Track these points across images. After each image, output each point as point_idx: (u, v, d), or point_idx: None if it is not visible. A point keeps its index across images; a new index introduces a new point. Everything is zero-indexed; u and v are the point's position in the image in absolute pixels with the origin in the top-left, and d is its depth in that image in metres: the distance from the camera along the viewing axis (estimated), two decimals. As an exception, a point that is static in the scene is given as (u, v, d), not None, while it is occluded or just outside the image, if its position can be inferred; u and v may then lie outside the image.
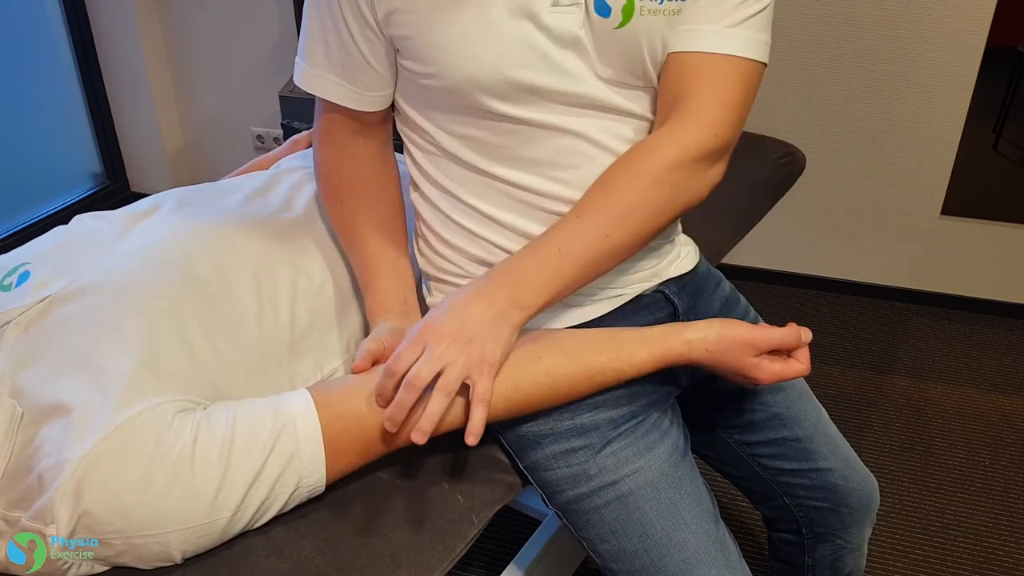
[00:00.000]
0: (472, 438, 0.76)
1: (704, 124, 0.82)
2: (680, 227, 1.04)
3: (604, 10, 0.81)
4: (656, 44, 0.83)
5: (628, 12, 0.81)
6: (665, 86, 0.85)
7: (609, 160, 0.88)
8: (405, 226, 1.00)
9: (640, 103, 0.88)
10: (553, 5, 0.81)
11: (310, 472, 0.78)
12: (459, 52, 0.82)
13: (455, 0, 0.81)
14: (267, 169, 1.20)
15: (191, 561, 0.76)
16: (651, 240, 0.86)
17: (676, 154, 0.82)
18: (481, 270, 0.94)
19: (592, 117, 0.86)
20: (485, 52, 0.81)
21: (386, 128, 0.98)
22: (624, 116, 0.88)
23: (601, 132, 0.87)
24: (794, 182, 1.58)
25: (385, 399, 0.79)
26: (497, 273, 0.84)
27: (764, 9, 0.83)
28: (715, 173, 0.86)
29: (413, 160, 0.95)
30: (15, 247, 0.94)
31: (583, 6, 0.81)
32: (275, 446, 0.76)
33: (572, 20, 0.82)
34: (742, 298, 1.09)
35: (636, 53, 0.83)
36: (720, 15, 0.81)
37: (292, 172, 1.11)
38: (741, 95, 0.83)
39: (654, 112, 0.89)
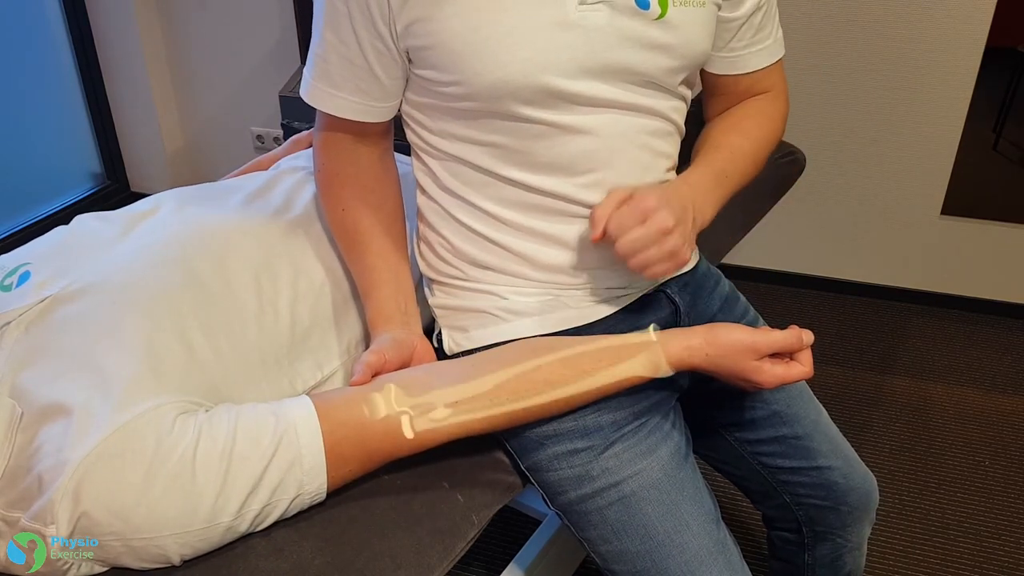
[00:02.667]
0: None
1: (784, 103, 1.06)
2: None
3: (644, 3, 0.84)
4: (693, 33, 0.88)
5: (664, 3, 0.85)
6: (739, 91, 1.03)
7: (622, 163, 0.90)
8: (406, 232, 1.00)
9: (656, 102, 0.89)
10: (580, 3, 0.81)
11: (311, 479, 0.78)
12: (485, 59, 0.82)
13: (479, 6, 0.81)
14: (267, 169, 1.20)
15: (191, 561, 0.76)
16: None
17: (782, 123, 1.05)
18: (483, 274, 0.94)
19: (610, 116, 0.87)
20: (512, 57, 0.81)
21: (388, 136, 0.98)
22: (641, 114, 0.89)
23: (619, 135, 0.88)
24: (794, 182, 1.58)
25: (595, 238, 0.85)
26: (679, 184, 0.91)
27: (775, 8, 0.99)
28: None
29: (423, 164, 0.95)
30: (15, 247, 0.94)
31: (612, 2, 0.82)
32: (276, 452, 0.76)
33: (600, 17, 0.82)
34: (741, 297, 1.09)
35: (676, 43, 0.86)
36: (771, 31, 0.99)
37: (292, 172, 1.11)
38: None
39: (669, 113, 0.92)
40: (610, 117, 0.87)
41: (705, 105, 1.07)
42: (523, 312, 0.93)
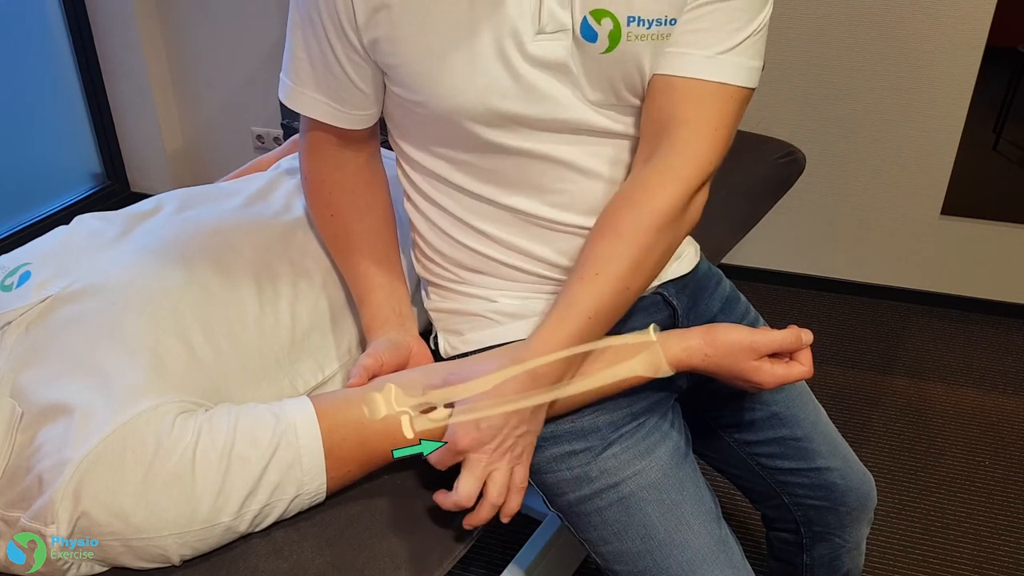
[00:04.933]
0: (507, 519, 0.83)
1: (699, 153, 0.82)
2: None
3: (591, 36, 0.80)
4: (645, 68, 0.82)
5: (615, 38, 0.80)
6: (652, 107, 0.84)
7: (593, 183, 0.88)
8: (396, 235, 1.00)
9: (626, 123, 0.87)
10: (538, 33, 0.80)
11: (310, 480, 0.78)
12: (445, 83, 0.81)
13: (440, 31, 0.80)
14: (267, 169, 1.20)
15: (190, 561, 0.76)
16: None
17: (681, 190, 0.82)
18: (476, 278, 0.94)
19: (578, 143, 0.86)
20: (471, 84, 0.81)
21: (374, 140, 0.97)
22: (610, 137, 0.87)
23: (587, 156, 0.87)
24: (794, 182, 1.58)
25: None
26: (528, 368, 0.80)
27: (756, 33, 0.82)
28: (705, 195, 0.86)
29: (405, 174, 0.95)
30: (15, 247, 0.94)
31: (570, 31, 0.81)
32: (275, 453, 0.76)
33: (559, 46, 0.81)
34: (742, 297, 1.09)
35: (624, 77, 0.83)
36: (712, 41, 0.81)
37: (292, 174, 1.11)
38: (731, 121, 0.83)
39: (637, 131, 0.88)
40: (577, 140, 0.86)
41: None
42: (516, 314, 0.93)
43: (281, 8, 2.56)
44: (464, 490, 0.79)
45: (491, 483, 0.80)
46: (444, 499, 0.81)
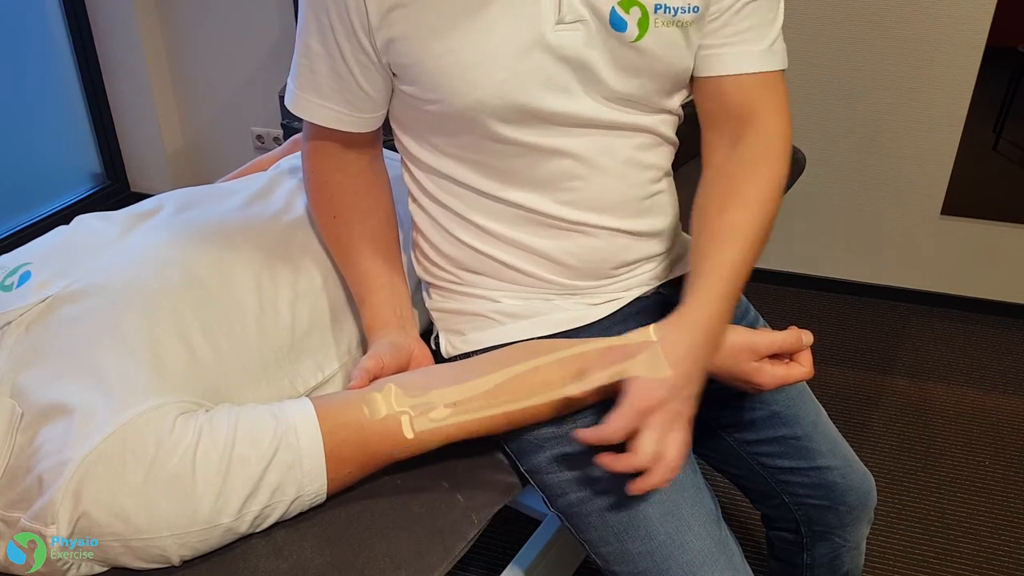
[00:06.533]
0: (665, 484, 0.80)
1: (784, 132, 0.92)
2: (681, 227, 1.04)
3: (620, 25, 0.82)
4: (671, 54, 0.84)
5: (644, 25, 0.82)
6: (727, 101, 0.90)
7: (603, 180, 0.89)
8: (398, 237, 1.00)
9: (639, 119, 0.88)
10: (558, 23, 0.81)
11: (311, 481, 0.78)
12: (464, 79, 0.81)
13: (457, 27, 0.80)
14: (267, 169, 1.20)
15: (190, 561, 0.76)
16: None
17: (783, 165, 0.91)
18: (476, 279, 0.94)
19: (590, 139, 0.87)
20: (490, 78, 0.81)
21: (377, 142, 0.97)
22: (624, 132, 0.88)
23: (599, 153, 0.88)
24: (794, 182, 1.59)
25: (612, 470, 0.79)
26: (691, 328, 0.82)
27: (781, 21, 0.91)
28: None
29: (410, 173, 0.95)
30: (15, 247, 0.94)
31: (589, 23, 0.81)
32: (276, 454, 0.76)
33: (577, 37, 0.82)
34: (742, 297, 1.09)
35: (650, 66, 0.84)
36: (762, 35, 0.88)
37: (293, 173, 1.11)
38: (788, 97, 0.94)
39: (654, 126, 0.90)
40: (591, 136, 0.87)
41: (700, 119, 0.96)
42: (518, 315, 0.93)
43: (281, 8, 2.56)
44: (649, 450, 0.75)
45: (673, 444, 0.77)
46: (616, 462, 0.77)
